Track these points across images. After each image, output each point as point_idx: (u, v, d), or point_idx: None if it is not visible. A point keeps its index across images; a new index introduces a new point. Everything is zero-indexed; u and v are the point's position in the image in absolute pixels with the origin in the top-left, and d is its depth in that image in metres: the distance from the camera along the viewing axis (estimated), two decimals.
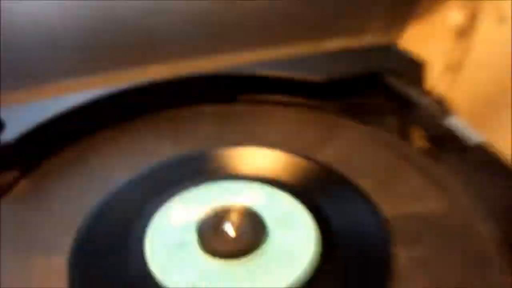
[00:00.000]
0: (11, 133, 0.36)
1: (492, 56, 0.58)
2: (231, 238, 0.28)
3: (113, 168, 0.35)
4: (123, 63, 0.43)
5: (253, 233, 0.29)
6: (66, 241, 0.30)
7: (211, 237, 0.28)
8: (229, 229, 0.29)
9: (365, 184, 0.33)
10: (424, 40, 0.59)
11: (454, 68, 0.64)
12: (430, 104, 0.41)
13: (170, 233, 0.29)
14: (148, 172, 0.34)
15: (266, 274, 0.27)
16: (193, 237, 0.29)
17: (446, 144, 0.38)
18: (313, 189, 0.32)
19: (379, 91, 0.44)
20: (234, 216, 0.29)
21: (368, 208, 0.31)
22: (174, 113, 0.41)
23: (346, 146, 0.37)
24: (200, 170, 0.34)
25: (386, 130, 0.40)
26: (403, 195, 0.33)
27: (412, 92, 0.42)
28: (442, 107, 0.42)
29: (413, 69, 0.46)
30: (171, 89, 0.42)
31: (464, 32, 0.60)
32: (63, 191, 0.34)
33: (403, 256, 0.28)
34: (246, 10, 0.44)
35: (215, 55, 0.46)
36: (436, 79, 0.64)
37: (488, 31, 0.57)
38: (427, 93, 0.44)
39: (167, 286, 0.26)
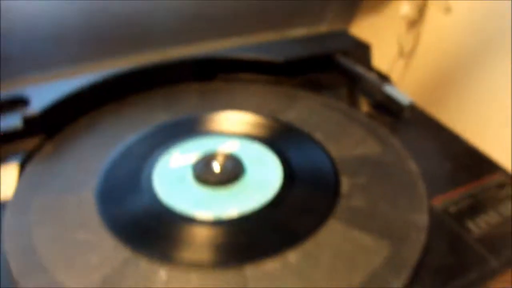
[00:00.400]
0: (36, 107, 0.43)
1: (439, 43, 0.66)
2: (218, 172, 0.38)
3: (121, 131, 0.43)
4: (120, 51, 0.51)
5: (234, 169, 0.38)
6: (91, 183, 0.38)
7: (203, 172, 0.38)
8: (216, 166, 0.38)
9: (319, 136, 0.42)
10: (378, 29, 0.66)
11: (406, 55, 0.72)
12: (372, 77, 0.49)
13: (172, 172, 0.38)
14: (150, 131, 0.43)
15: (244, 196, 0.36)
16: (189, 173, 0.38)
17: (385, 106, 0.47)
18: (278, 140, 0.42)
19: (331, 70, 0.52)
20: (219, 158, 0.38)
21: (320, 151, 0.40)
22: (167, 89, 0.50)
23: (303, 110, 0.46)
24: (191, 129, 0.43)
25: (338, 99, 0.49)
26: (348, 143, 0.42)
27: (357, 68, 0.51)
28: (381, 79, 0.50)
29: (361, 50, 0.54)
30: (163, 70, 0.50)
31: (414, 22, 0.68)
32: (82, 148, 0.42)
33: (346, 183, 0.37)
34: (223, 4, 0.52)
35: (197, 42, 0.55)
36: (390, 65, 0.71)
37: (435, 21, 0.64)
38: (370, 69, 0.53)
39: (172, 208, 0.35)
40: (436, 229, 0.34)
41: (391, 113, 0.46)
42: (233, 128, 0.44)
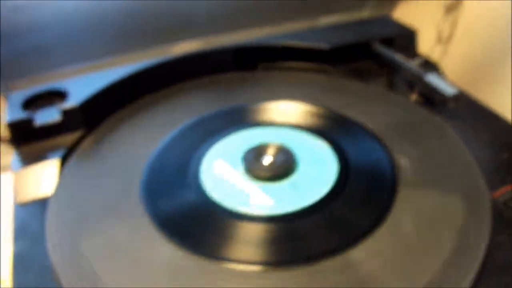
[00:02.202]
0: (74, 100, 0.42)
1: (478, 27, 0.64)
2: (269, 166, 0.36)
3: (163, 123, 0.42)
4: (160, 41, 0.50)
5: (285, 163, 0.36)
6: (135, 178, 0.36)
7: (254, 165, 0.36)
8: (268, 159, 0.36)
9: (374, 127, 0.40)
10: (417, 14, 0.65)
11: (445, 39, 0.70)
12: (413, 66, 0.46)
13: (221, 165, 0.36)
14: (194, 122, 0.41)
15: (295, 193, 0.34)
16: (239, 166, 0.36)
17: (428, 97, 0.45)
18: (332, 131, 0.39)
19: (370, 58, 0.50)
20: (270, 151, 0.36)
21: (376, 143, 0.38)
22: (207, 79, 0.48)
23: (356, 100, 0.44)
24: (239, 120, 0.41)
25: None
26: (405, 134, 0.39)
27: (397, 57, 0.48)
28: (425, 67, 0.48)
29: (407, 36, 0.52)
30: (203, 60, 0.48)
31: (453, 6, 0.66)
32: (124, 141, 0.40)
33: (404, 176, 0.35)
34: None
35: (236, 31, 0.53)
36: (429, 50, 0.70)
37: (473, 5, 0.63)
38: (414, 56, 0.50)
39: (221, 203, 0.34)
40: (499, 224, 0.33)
41: (435, 104, 0.44)
42: (285, 118, 0.41)
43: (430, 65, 0.49)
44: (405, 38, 0.51)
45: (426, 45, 0.69)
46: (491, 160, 0.38)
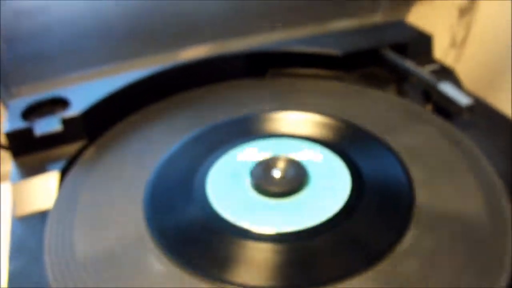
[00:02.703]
0: (76, 108, 0.40)
1: (492, 31, 0.62)
2: (278, 180, 0.34)
3: (168, 133, 0.40)
4: (165, 47, 0.48)
5: (296, 178, 0.34)
6: (137, 191, 0.34)
7: (262, 179, 0.33)
8: (277, 173, 0.34)
9: (390, 140, 0.38)
10: (430, 18, 0.63)
11: (459, 43, 0.68)
12: (425, 74, 0.44)
13: (227, 178, 0.35)
14: (200, 134, 0.39)
15: (305, 211, 0.32)
16: (247, 181, 0.34)
17: (442, 106, 0.42)
18: (346, 145, 0.37)
19: (379, 65, 0.48)
20: (280, 164, 0.34)
21: (392, 157, 0.36)
22: (215, 87, 0.46)
23: (371, 109, 0.42)
24: (247, 131, 0.39)
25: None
26: (422, 146, 0.37)
27: (408, 64, 0.46)
28: (438, 75, 0.46)
29: (423, 41, 0.50)
30: (210, 66, 0.47)
31: (467, 10, 0.64)
32: (127, 152, 0.39)
33: (422, 193, 0.33)
34: None
35: (244, 36, 0.51)
36: (443, 54, 0.68)
37: (487, 9, 0.61)
38: (430, 62, 0.48)
39: (227, 220, 0.32)
40: None
41: (449, 113, 0.41)
42: (294, 129, 0.39)
43: (446, 71, 0.48)
44: (420, 44, 0.49)
45: (439, 49, 0.68)
46: (509, 169, 0.36)
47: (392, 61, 0.46)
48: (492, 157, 0.36)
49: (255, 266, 0.29)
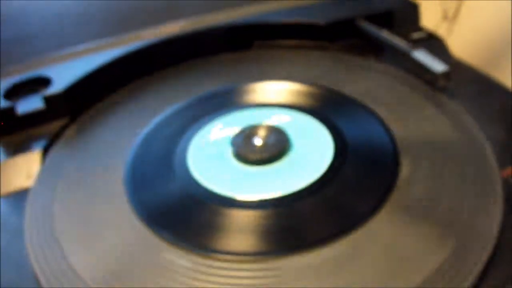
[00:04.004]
0: (58, 87, 0.40)
1: (484, 3, 0.61)
2: (259, 148, 0.33)
3: (150, 108, 0.40)
4: (147, 23, 0.48)
5: (278, 144, 0.33)
6: (119, 167, 0.34)
7: (243, 148, 0.33)
8: (258, 141, 0.33)
9: (373, 105, 0.37)
10: None
11: (451, 16, 0.67)
12: (399, 43, 0.43)
13: (208, 148, 0.34)
14: (182, 106, 0.39)
15: (289, 176, 0.31)
16: (228, 149, 0.34)
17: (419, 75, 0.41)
18: (329, 111, 0.37)
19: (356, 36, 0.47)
20: (261, 132, 0.34)
21: (376, 123, 0.36)
22: (199, 62, 0.46)
23: (354, 78, 0.41)
24: (229, 102, 0.39)
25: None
26: (407, 113, 0.37)
27: (383, 34, 0.45)
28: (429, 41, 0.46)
29: (409, 10, 0.49)
30: (193, 41, 0.46)
31: None
32: (109, 129, 0.38)
33: (407, 161, 0.33)
34: None
35: (226, 9, 0.50)
36: (434, 28, 0.67)
37: None
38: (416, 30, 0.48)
39: (209, 189, 0.31)
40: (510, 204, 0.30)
41: (426, 82, 0.40)
42: (276, 99, 0.39)
43: (433, 39, 0.47)
44: (406, 12, 0.48)
45: (431, 22, 0.67)
46: (502, 136, 0.36)
47: (368, 31, 0.46)
48: (480, 121, 0.36)
49: (241, 233, 0.29)
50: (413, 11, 0.49)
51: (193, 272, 0.27)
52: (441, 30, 0.67)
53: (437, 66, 0.39)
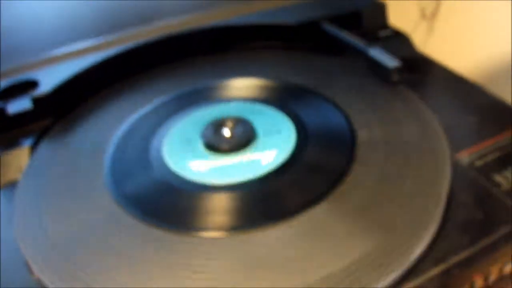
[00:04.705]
0: (45, 88, 0.43)
1: (462, 3, 0.64)
2: (228, 138, 0.36)
3: (129, 107, 0.43)
4: (128, 26, 0.51)
5: (244, 134, 0.36)
6: (101, 160, 0.37)
7: (213, 138, 0.36)
8: (226, 131, 0.36)
9: (333, 96, 0.41)
10: None
11: (428, 17, 0.70)
12: (356, 42, 0.46)
13: (182, 142, 0.37)
14: (158, 104, 0.42)
15: (257, 160, 0.35)
16: (198, 141, 0.37)
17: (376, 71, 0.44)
18: (292, 103, 0.40)
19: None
20: (229, 123, 0.37)
21: (335, 112, 0.39)
22: (177, 64, 0.49)
23: (318, 74, 0.45)
24: (199, 99, 0.42)
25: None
26: (365, 103, 0.40)
27: (342, 34, 0.48)
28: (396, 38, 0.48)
29: (377, 9, 0.52)
30: (172, 44, 0.49)
31: None
32: (91, 127, 0.42)
33: (363, 145, 0.36)
34: None
35: (205, 11, 0.53)
36: (412, 28, 0.70)
37: None
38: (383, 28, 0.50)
39: (184, 177, 0.34)
40: (462, 184, 0.33)
41: (381, 77, 0.43)
42: (242, 93, 0.42)
43: (400, 36, 0.49)
44: (374, 11, 0.51)
45: (410, 22, 0.69)
46: (458, 122, 0.39)
47: (330, 32, 0.49)
48: (441, 110, 0.39)
49: (215, 213, 0.32)
50: (380, 11, 0.52)
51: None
52: (420, 30, 0.70)
53: (390, 62, 0.42)
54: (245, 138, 0.36)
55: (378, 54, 0.43)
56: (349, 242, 0.29)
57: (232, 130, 0.37)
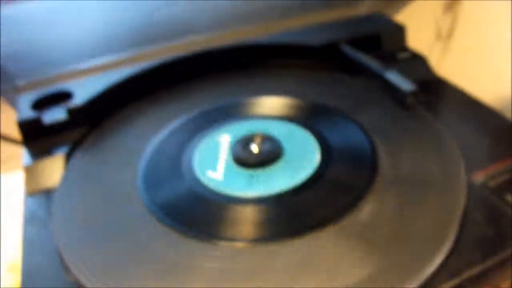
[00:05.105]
0: (79, 100, 0.45)
1: (477, 24, 0.65)
2: (256, 154, 0.38)
3: (161, 120, 0.45)
4: (158, 40, 0.53)
5: (271, 151, 0.39)
6: (134, 171, 0.39)
7: (241, 153, 0.38)
8: (254, 147, 0.39)
9: (357, 117, 0.43)
10: (414, 12, 0.67)
11: (444, 37, 0.71)
12: (373, 64, 0.48)
13: (212, 153, 0.39)
14: (189, 119, 0.44)
15: (282, 176, 0.37)
16: (228, 156, 0.39)
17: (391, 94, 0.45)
18: (318, 122, 0.42)
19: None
20: (257, 140, 0.39)
21: (358, 132, 0.41)
22: (206, 79, 0.51)
23: (341, 93, 0.47)
24: (229, 114, 0.44)
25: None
26: (389, 126, 0.42)
27: (360, 56, 0.50)
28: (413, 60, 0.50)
29: (396, 32, 0.54)
30: (201, 60, 0.52)
31: (451, 4, 0.67)
32: (124, 136, 0.44)
33: (386, 162, 0.37)
34: None
35: (235, 30, 0.56)
36: (428, 48, 0.71)
37: (472, 2, 0.64)
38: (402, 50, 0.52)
39: (214, 190, 0.36)
40: (476, 204, 0.34)
41: (397, 100, 0.44)
42: (272, 111, 0.44)
43: (418, 59, 0.51)
44: (393, 34, 0.53)
45: (425, 43, 0.71)
46: (473, 144, 0.40)
47: (348, 54, 0.50)
48: (457, 132, 0.41)
49: (243, 224, 0.34)
50: (399, 33, 0.53)
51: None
52: (435, 50, 0.71)
53: (406, 85, 0.43)
54: (272, 154, 0.38)
55: (394, 77, 0.44)
56: (367, 257, 0.30)
57: (260, 146, 0.38)
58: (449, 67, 0.68)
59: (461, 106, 0.46)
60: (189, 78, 0.51)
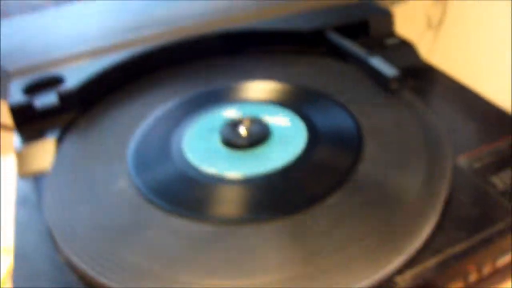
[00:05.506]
0: (70, 85, 0.46)
1: (468, 12, 0.66)
2: (244, 135, 0.39)
3: (150, 104, 0.45)
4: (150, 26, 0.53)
5: (259, 133, 0.39)
6: (124, 153, 0.40)
7: (230, 135, 0.39)
8: (242, 129, 0.39)
9: (343, 100, 0.43)
10: (406, 2, 0.67)
11: (434, 26, 0.72)
12: (358, 50, 0.48)
13: (201, 136, 0.40)
14: (178, 102, 0.45)
15: (270, 157, 0.37)
16: (217, 138, 0.40)
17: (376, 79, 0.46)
18: (305, 105, 0.43)
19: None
20: (246, 122, 0.40)
21: (344, 114, 0.41)
22: (195, 64, 0.51)
23: (326, 77, 0.48)
24: (218, 99, 0.45)
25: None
26: (372, 106, 0.43)
27: (345, 43, 0.50)
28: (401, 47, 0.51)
29: (384, 18, 0.54)
30: (191, 46, 0.52)
31: None
32: (114, 121, 0.44)
33: (370, 146, 0.38)
34: None
35: (225, 16, 0.56)
36: (419, 37, 0.72)
37: None
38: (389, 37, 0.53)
39: (203, 170, 0.37)
40: (461, 184, 0.35)
41: (381, 86, 0.45)
42: (260, 95, 0.45)
43: (406, 45, 0.52)
44: (381, 20, 0.53)
45: (417, 32, 0.71)
46: (460, 127, 0.41)
47: (334, 40, 0.51)
48: (444, 116, 0.42)
49: (229, 203, 0.35)
50: (387, 20, 0.54)
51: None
52: (426, 38, 0.72)
53: (389, 71, 0.44)
54: (259, 136, 0.39)
55: (377, 63, 0.45)
56: (353, 234, 0.31)
57: (248, 128, 0.39)
58: (440, 55, 0.68)
59: (448, 91, 0.46)
60: (180, 63, 0.51)
